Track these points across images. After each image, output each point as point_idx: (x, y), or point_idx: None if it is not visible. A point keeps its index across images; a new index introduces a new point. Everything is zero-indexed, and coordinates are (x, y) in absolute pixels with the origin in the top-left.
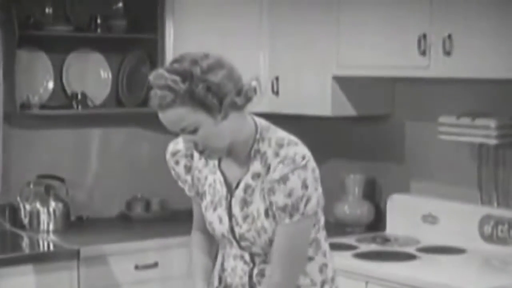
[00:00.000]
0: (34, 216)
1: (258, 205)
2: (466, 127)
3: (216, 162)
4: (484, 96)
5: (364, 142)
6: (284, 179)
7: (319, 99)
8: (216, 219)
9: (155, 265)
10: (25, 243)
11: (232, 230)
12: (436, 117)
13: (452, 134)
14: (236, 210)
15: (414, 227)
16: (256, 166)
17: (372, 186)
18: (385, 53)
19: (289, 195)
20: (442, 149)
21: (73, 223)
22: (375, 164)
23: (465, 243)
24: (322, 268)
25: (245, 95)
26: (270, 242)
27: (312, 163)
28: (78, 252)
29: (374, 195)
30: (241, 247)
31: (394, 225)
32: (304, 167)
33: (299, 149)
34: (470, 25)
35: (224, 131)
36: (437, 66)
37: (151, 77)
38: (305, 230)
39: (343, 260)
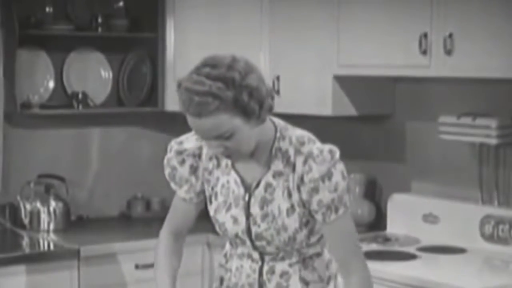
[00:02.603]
0: (35, 215)
1: (279, 203)
2: (466, 127)
3: (229, 162)
4: (485, 95)
5: (365, 142)
6: (328, 175)
7: (320, 99)
8: (229, 220)
9: None
10: (25, 242)
11: (248, 229)
12: (437, 116)
13: (453, 133)
14: (255, 209)
15: (414, 226)
16: (278, 164)
17: (373, 186)
18: (386, 52)
19: (335, 189)
20: (442, 149)
21: (74, 223)
22: (376, 164)
23: (466, 243)
24: (328, 264)
25: (271, 95)
26: (289, 240)
27: None
28: (78, 252)
29: (374, 194)
30: (254, 247)
31: (395, 225)
32: (339, 159)
33: (320, 145)
34: (471, 25)
35: (255, 134)
36: (438, 66)
37: (187, 82)
38: (351, 219)
39: None
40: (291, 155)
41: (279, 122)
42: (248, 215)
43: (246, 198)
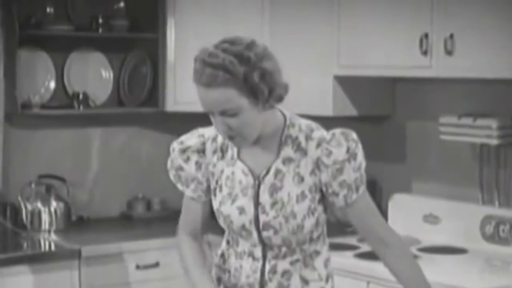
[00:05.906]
0: (35, 216)
1: (289, 190)
2: (467, 127)
3: (235, 154)
4: (486, 96)
5: (365, 142)
6: (353, 156)
7: (321, 99)
8: (234, 211)
9: (156, 265)
10: (26, 243)
11: (256, 219)
12: (437, 117)
13: (453, 134)
14: (264, 197)
15: (415, 227)
16: (287, 151)
17: (373, 186)
18: (387, 53)
19: (359, 168)
20: (443, 149)
21: (74, 223)
22: (376, 164)
23: (467, 243)
24: (326, 262)
25: (285, 88)
26: (298, 228)
27: None
28: (79, 252)
29: (375, 195)
30: (260, 238)
31: (395, 225)
32: (358, 139)
33: (327, 131)
34: (472, 25)
35: (260, 121)
36: (438, 66)
37: (203, 54)
38: (368, 194)
39: (345, 260)
40: (301, 141)
41: (287, 112)
42: (256, 204)
43: (256, 186)
